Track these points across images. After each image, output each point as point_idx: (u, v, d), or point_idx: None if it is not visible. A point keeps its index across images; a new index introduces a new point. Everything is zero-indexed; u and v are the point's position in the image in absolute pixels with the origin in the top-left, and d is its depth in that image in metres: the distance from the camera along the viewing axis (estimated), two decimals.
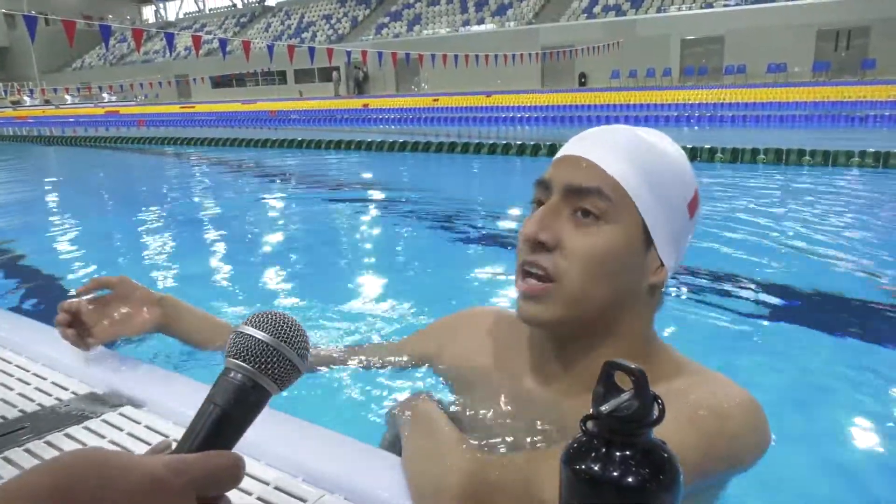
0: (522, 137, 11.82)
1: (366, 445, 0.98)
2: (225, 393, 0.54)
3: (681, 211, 0.92)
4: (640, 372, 0.50)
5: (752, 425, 0.86)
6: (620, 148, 0.91)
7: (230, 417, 0.54)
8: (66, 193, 7.88)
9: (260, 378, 0.55)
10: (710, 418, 0.82)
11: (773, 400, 2.11)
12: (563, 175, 0.91)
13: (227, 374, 0.55)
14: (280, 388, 0.57)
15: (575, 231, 0.89)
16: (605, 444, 0.50)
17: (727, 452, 0.82)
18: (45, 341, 1.46)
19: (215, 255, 4.37)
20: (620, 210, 0.88)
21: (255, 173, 8.86)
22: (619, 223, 0.88)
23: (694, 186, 0.94)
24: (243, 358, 0.55)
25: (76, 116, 22.97)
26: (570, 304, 0.89)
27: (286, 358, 0.56)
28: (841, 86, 17.08)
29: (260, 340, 0.55)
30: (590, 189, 0.88)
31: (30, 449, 0.99)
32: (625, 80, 27.56)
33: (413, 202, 6.09)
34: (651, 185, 0.89)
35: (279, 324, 0.57)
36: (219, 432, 0.53)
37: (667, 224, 0.91)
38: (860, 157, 6.43)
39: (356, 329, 2.83)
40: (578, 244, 0.88)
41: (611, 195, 0.88)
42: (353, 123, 16.11)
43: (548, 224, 0.89)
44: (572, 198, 0.89)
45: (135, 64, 46.04)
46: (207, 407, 0.54)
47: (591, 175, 0.89)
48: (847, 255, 3.83)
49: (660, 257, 0.92)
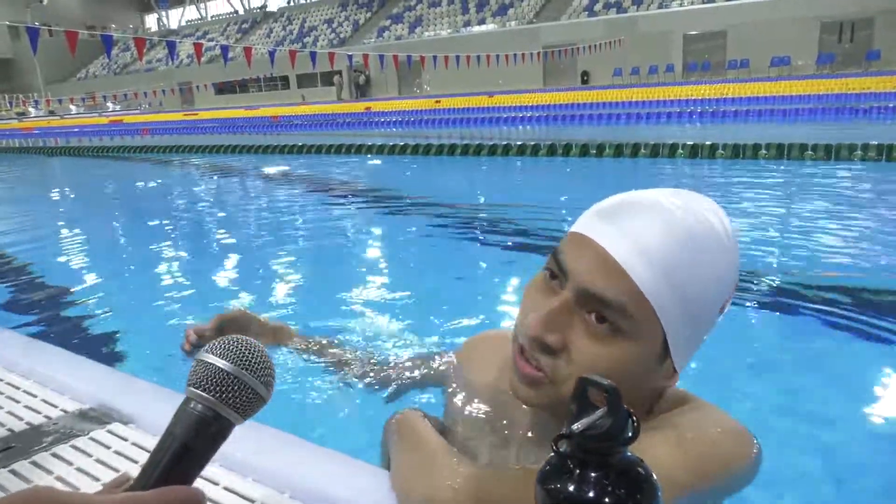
0: (525, 137, 11.79)
1: (354, 460, 0.96)
2: (185, 424, 0.52)
3: (711, 317, 0.81)
4: (612, 389, 0.48)
5: (742, 452, 0.84)
6: (658, 247, 0.75)
7: (190, 450, 0.52)
8: (70, 205, 7.92)
9: (221, 408, 0.53)
10: (698, 441, 0.80)
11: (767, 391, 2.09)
12: (583, 273, 0.77)
13: (187, 405, 0.53)
14: (243, 417, 0.55)
15: (586, 338, 0.78)
16: (580, 463, 0.48)
17: (715, 475, 0.80)
18: (38, 358, 1.45)
19: (221, 263, 4.37)
20: (642, 327, 0.76)
21: (258, 179, 8.88)
22: (638, 340, 0.77)
23: (733, 286, 0.81)
24: (203, 387, 0.53)
25: (81, 126, 23.08)
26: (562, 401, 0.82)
27: (248, 386, 0.54)
28: (845, 77, 16.96)
29: (220, 369, 0.53)
30: (611, 302, 0.75)
31: (15, 470, 0.98)
32: (627, 78, 27.46)
33: (415, 205, 6.08)
34: (684, 299, 0.76)
35: (241, 350, 0.54)
36: (178, 465, 0.51)
37: (692, 336, 0.80)
38: (863, 151, 6.37)
39: (360, 333, 2.82)
40: (587, 358, 0.78)
41: (633, 311, 0.75)
42: (355, 127, 16.13)
43: (557, 325, 0.78)
44: (589, 302, 0.77)
45: (138, 72, 46.27)
46: (167, 439, 0.52)
47: (618, 285, 0.75)
48: (848, 250, 3.79)
49: (675, 366, 0.82)
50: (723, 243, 0.78)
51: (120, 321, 3.20)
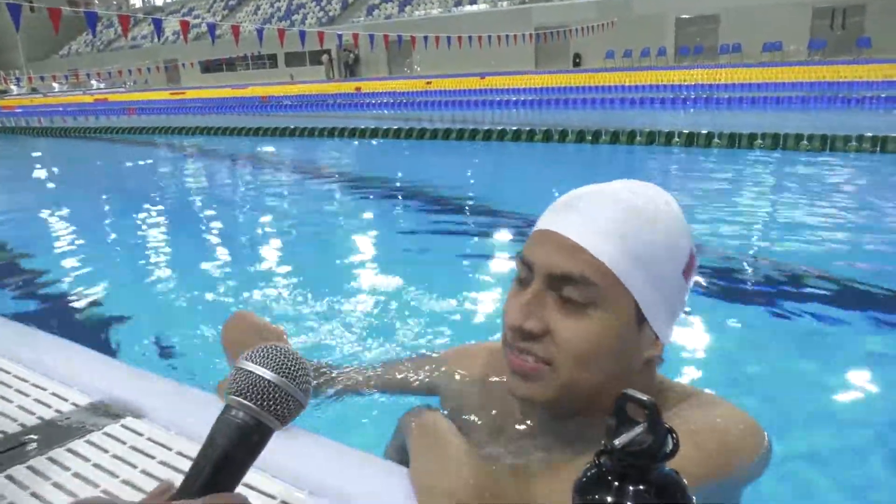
0: (517, 121, 11.76)
1: (373, 456, 0.97)
2: (227, 432, 0.53)
3: (676, 282, 0.87)
4: (652, 405, 0.49)
5: (752, 443, 0.86)
6: (607, 222, 0.83)
7: (233, 457, 0.53)
8: (56, 188, 7.82)
9: (263, 416, 0.54)
10: (709, 436, 0.83)
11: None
12: (545, 258, 0.85)
13: (228, 412, 0.54)
14: (283, 424, 0.56)
15: (563, 318, 0.84)
16: (619, 477, 0.50)
17: (728, 468, 0.83)
18: (41, 349, 1.45)
19: (209, 248, 4.36)
20: (610, 294, 0.82)
21: (248, 162, 8.82)
22: (609, 307, 0.83)
23: (689, 251, 0.88)
24: (245, 396, 0.54)
25: (65, 105, 22.71)
26: (563, 388, 0.86)
27: (289, 394, 0.55)
28: (837, 65, 17.01)
29: (262, 378, 0.54)
30: (574, 277, 0.82)
31: (33, 466, 0.98)
32: (620, 60, 27.36)
33: (408, 191, 6.07)
34: (642, 262, 0.83)
35: (281, 359, 0.55)
36: (221, 473, 0.52)
37: (661, 299, 0.85)
38: (857, 142, 6.42)
39: (349, 322, 2.83)
40: (569, 333, 0.83)
41: (597, 281, 0.82)
42: (346, 109, 15.99)
43: (533, 312, 0.84)
44: (556, 284, 0.84)
45: (123, 50, 45.44)
46: (209, 447, 0.53)
47: (575, 260, 0.82)
48: (844, 241, 3.83)
49: (654, 332, 0.88)
50: (670, 214, 0.86)
51: (109, 307, 3.19)
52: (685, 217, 0.89)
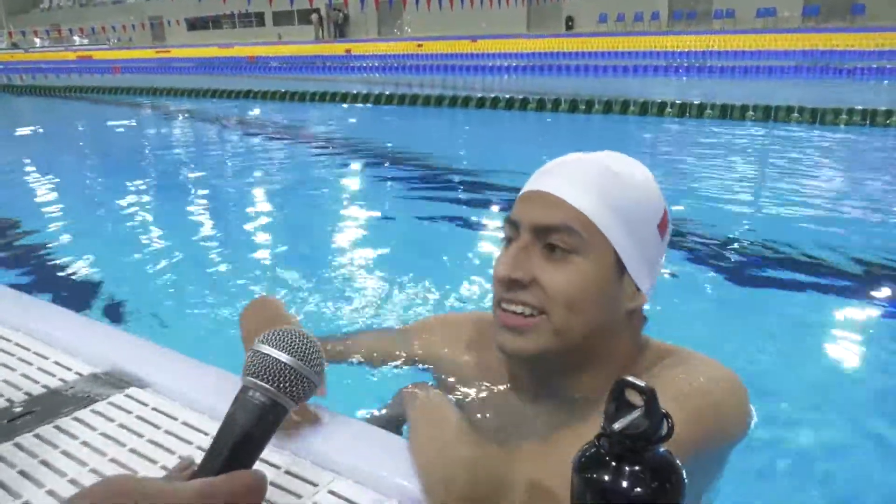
0: (510, 88, 11.64)
1: (374, 428, 1.00)
2: (245, 412, 0.56)
3: (651, 235, 0.93)
4: (650, 391, 0.52)
5: (736, 399, 0.90)
6: (586, 180, 0.90)
7: (251, 436, 0.55)
8: (41, 150, 7.69)
9: (279, 397, 0.56)
10: (693, 394, 0.86)
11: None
12: (529, 213, 0.92)
13: (245, 393, 0.56)
14: (297, 403, 0.58)
15: (549, 267, 0.90)
16: (616, 458, 0.53)
17: (714, 426, 0.86)
18: (39, 316, 1.46)
19: (194, 216, 4.33)
20: (591, 242, 0.89)
21: (237, 127, 8.69)
22: (591, 255, 0.89)
23: (662, 209, 0.95)
24: (262, 378, 0.56)
25: (47, 62, 22.16)
26: (554, 337, 0.90)
27: (304, 376, 0.58)
28: (830, 32, 16.91)
29: (280, 361, 0.57)
30: (557, 226, 0.89)
31: (40, 434, 1.01)
32: (612, 25, 27.00)
33: (400, 158, 6.04)
34: (619, 214, 0.90)
35: (297, 342, 0.58)
36: (241, 451, 0.55)
37: (638, 251, 0.92)
38: (848, 115, 6.45)
39: (337, 289, 2.85)
40: (556, 280, 0.89)
41: (579, 229, 0.89)
42: (336, 72, 15.75)
43: (520, 263, 0.90)
44: (541, 235, 0.90)
45: (106, 5, 44.16)
46: (228, 425, 0.55)
47: (558, 211, 0.89)
48: (829, 216, 3.89)
49: (635, 283, 0.93)
50: (645, 177, 0.95)
51: (92, 273, 3.18)
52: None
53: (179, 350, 1.32)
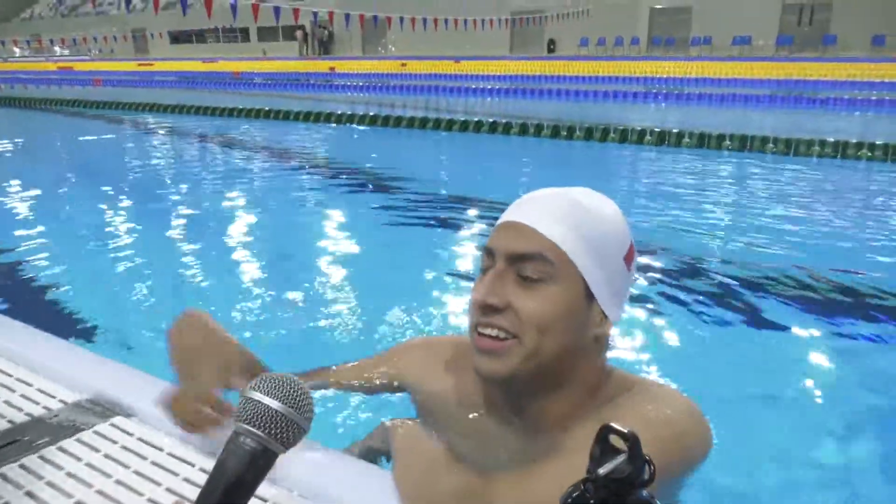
0: (492, 111, 11.78)
1: (358, 460, 1.02)
2: (236, 457, 0.57)
3: (618, 266, 0.99)
4: (633, 436, 0.55)
5: (698, 429, 0.96)
6: (559, 213, 0.96)
7: (242, 480, 0.57)
8: (19, 164, 7.58)
9: (270, 443, 0.58)
10: (660, 426, 0.90)
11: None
12: (505, 243, 0.97)
13: (237, 439, 0.58)
14: (287, 449, 0.60)
15: (522, 293, 0.94)
16: (601, 501, 0.55)
17: (679, 456, 0.90)
18: (21, 340, 1.44)
19: (176, 238, 4.28)
20: (562, 271, 0.94)
21: (220, 145, 8.65)
22: (562, 283, 0.94)
23: (629, 241, 1.01)
24: (254, 424, 0.58)
25: (27, 72, 21.92)
26: (527, 360, 0.94)
27: (295, 423, 0.59)
28: (803, 62, 17.40)
29: (271, 408, 0.58)
30: (531, 254, 0.94)
31: (25, 465, 1.00)
32: (593, 49, 27.48)
33: (383, 181, 6.06)
34: (588, 245, 0.95)
35: (287, 389, 0.59)
36: (233, 494, 0.57)
37: (605, 280, 0.97)
38: (820, 147, 6.66)
39: (317, 312, 2.84)
40: (528, 305, 0.94)
41: (551, 258, 0.94)
42: (320, 89, 15.77)
43: (495, 290, 0.95)
44: (516, 263, 0.95)
45: (88, 16, 43.84)
46: (220, 470, 0.57)
47: (532, 241, 0.95)
48: (802, 243, 3.98)
49: (602, 310, 0.98)
50: (615, 212, 1.01)
51: (68, 292, 3.13)
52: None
53: (164, 378, 1.32)
